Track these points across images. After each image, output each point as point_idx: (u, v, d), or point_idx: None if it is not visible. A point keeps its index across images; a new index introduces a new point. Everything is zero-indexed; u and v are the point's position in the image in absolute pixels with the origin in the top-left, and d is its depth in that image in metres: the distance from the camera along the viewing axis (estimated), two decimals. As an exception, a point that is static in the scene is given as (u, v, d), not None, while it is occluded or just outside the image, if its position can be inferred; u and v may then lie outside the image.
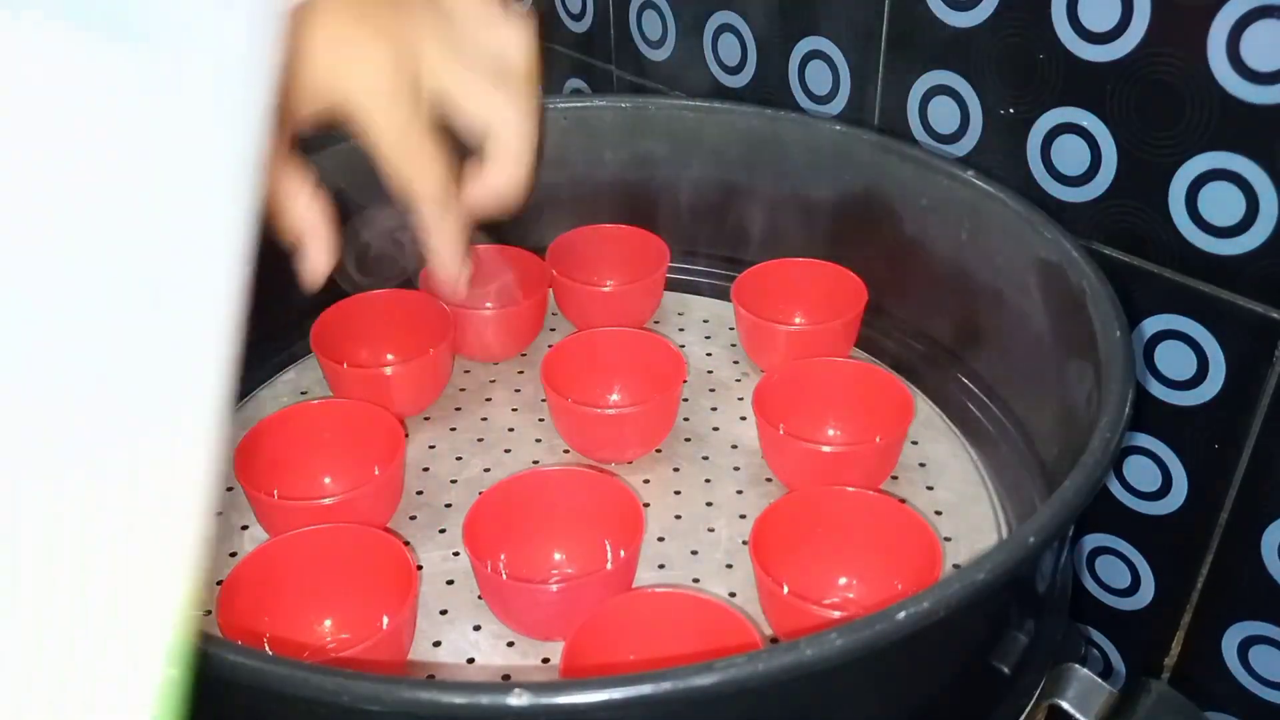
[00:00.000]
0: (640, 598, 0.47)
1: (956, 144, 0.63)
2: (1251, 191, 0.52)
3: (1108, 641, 0.68)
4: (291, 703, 0.35)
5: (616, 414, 0.58)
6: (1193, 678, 0.64)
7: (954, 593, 0.35)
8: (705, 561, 0.53)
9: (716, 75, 0.76)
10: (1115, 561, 0.65)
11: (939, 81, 0.62)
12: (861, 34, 0.65)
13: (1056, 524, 0.39)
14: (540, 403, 0.63)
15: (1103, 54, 0.54)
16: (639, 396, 0.61)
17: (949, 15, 0.60)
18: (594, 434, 0.58)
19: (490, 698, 0.32)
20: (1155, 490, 0.61)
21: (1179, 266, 0.56)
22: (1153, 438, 0.60)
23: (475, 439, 0.62)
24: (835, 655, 0.33)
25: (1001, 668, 0.43)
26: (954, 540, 0.54)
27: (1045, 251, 0.54)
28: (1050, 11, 0.55)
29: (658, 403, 0.57)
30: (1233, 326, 0.55)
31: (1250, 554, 0.58)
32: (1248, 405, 0.55)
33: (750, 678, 0.33)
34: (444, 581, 0.52)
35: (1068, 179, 0.58)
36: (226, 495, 0.58)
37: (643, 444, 0.59)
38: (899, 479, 0.58)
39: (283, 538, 0.49)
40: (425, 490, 0.58)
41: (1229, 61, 0.50)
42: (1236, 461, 0.57)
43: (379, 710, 0.33)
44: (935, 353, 0.64)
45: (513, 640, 0.49)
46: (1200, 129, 0.52)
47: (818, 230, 0.68)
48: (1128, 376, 0.45)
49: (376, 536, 0.49)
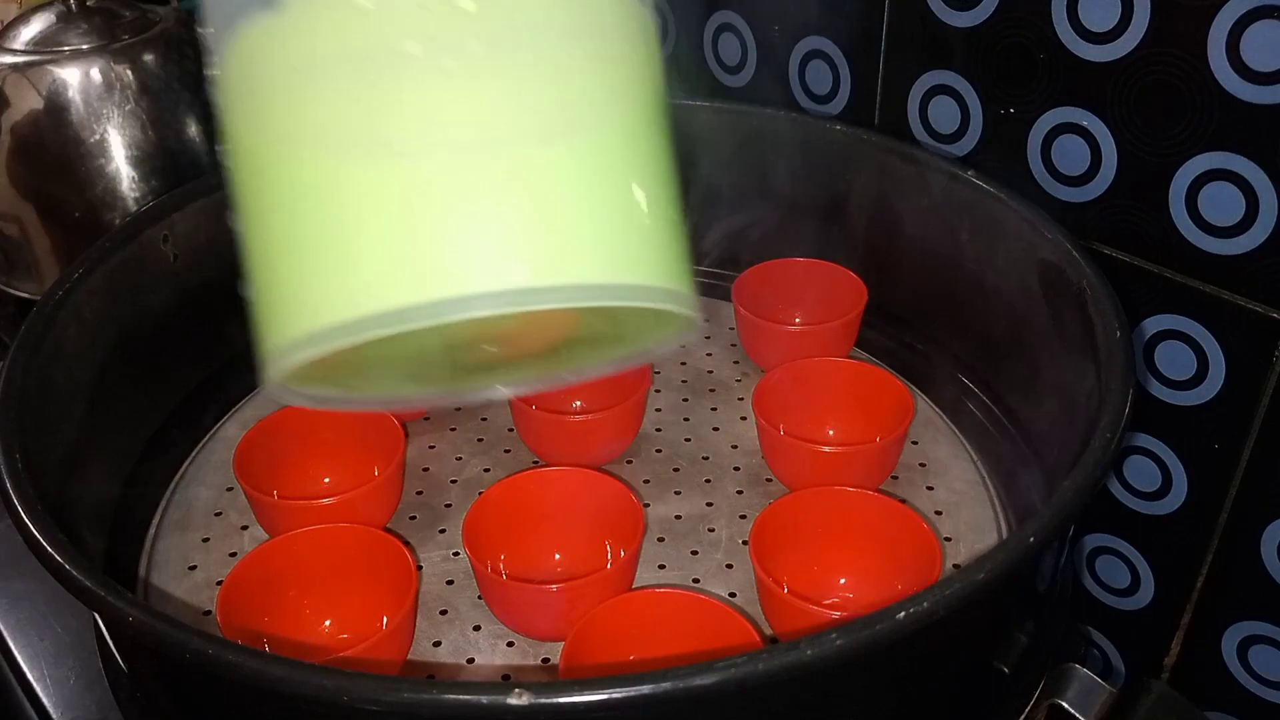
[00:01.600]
0: (640, 598, 0.47)
1: (956, 144, 0.63)
2: (1251, 191, 0.52)
3: (1108, 641, 0.68)
4: (291, 703, 0.35)
5: (582, 420, 0.58)
6: (1192, 677, 0.64)
7: (954, 593, 0.35)
8: (705, 561, 0.53)
9: (716, 75, 0.76)
10: (1115, 561, 0.65)
11: (939, 81, 0.62)
12: (861, 34, 0.65)
13: (1056, 524, 0.39)
14: (540, 403, 0.63)
15: (1103, 54, 0.54)
16: (604, 402, 0.60)
17: (949, 15, 0.60)
18: (555, 440, 0.58)
19: (490, 697, 0.32)
20: (1155, 490, 0.61)
21: (1179, 266, 0.56)
22: (1153, 438, 0.60)
23: (475, 439, 0.62)
24: (835, 655, 0.33)
25: (1001, 667, 0.43)
26: (954, 540, 0.54)
27: (1045, 251, 0.54)
28: (1050, 11, 0.55)
29: (622, 409, 0.57)
30: (1233, 326, 0.55)
31: (1250, 554, 0.58)
32: (1248, 405, 0.55)
33: (750, 678, 0.33)
34: (444, 581, 0.52)
35: (1068, 179, 0.58)
36: (226, 495, 0.58)
37: (605, 451, 0.59)
38: (899, 479, 0.58)
39: (283, 538, 0.49)
40: (425, 490, 0.58)
41: (1229, 61, 0.50)
42: (1236, 461, 0.57)
43: (379, 710, 0.33)
44: (935, 353, 0.64)
45: (513, 640, 0.49)
46: (1200, 129, 0.52)
47: (818, 230, 0.68)
48: (1128, 376, 0.45)
49: (377, 536, 0.49)
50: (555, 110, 0.30)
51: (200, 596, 0.52)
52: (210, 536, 0.56)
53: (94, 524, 0.53)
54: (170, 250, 0.61)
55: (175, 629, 0.35)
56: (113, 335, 0.56)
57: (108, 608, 0.37)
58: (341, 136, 0.29)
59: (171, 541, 0.55)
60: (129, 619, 0.36)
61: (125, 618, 0.37)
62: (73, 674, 0.57)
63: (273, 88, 0.30)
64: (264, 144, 0.30)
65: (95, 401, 0.54)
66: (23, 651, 0.59)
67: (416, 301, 0.29)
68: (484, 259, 0.29)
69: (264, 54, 0.30)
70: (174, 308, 0.61)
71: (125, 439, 0.58)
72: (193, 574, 0.53)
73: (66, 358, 0.52)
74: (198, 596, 0.52)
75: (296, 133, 0.30)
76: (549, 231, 0.29)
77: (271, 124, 0.30)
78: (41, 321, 0.51)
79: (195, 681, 0.40)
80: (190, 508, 0.57)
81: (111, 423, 0.56)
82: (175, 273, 0.61)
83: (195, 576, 0.53)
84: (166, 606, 0.52)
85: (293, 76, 0.29)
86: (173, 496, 0.58)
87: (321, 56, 0.29)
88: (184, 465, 0.60)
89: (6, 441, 0.44)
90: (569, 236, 0.30)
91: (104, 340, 0.56)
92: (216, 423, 0.63)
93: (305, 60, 0.29)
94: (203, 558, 0.54)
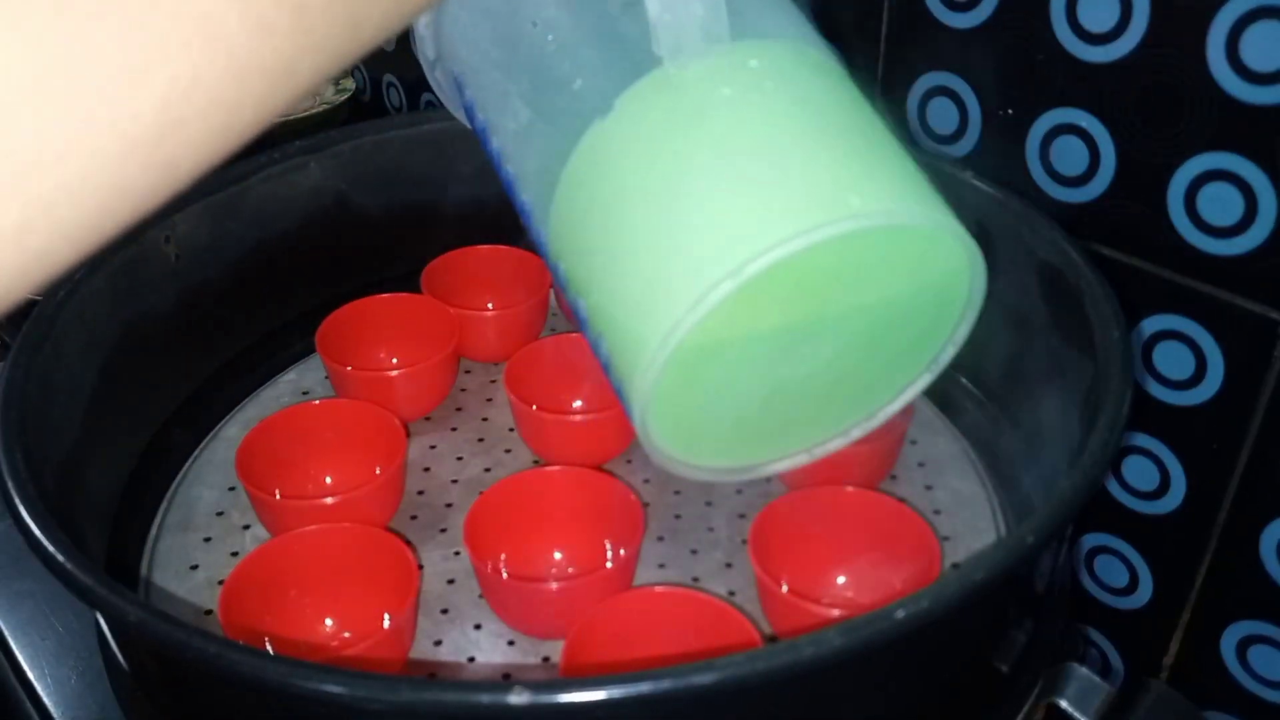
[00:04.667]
0: (640, 597, 0.47)
1: (956, 144, 0.63)
2: (1251, 192, 0.52)
3: (1106, 641, 0.68)
4: (293, 702, 0.35)
5: (582, 420, 0.58)
6: (1191, 677, 0.64)
7: (953, 592, 0.35)
8: (705, 561, 0.53)
9: (717, 76, 0.76)
10: (1114, 561, 0.65)
11: (938, 82, 0.62)
12: (861, 34, 0.65)
13: (1055, 524, 0.39)
14: (541, 402, 0.63)
15: (1102, 54, 0.54)
16: (604, 402, 0.60)
17: (948, 16, 0.60)
18: (555, 440, 0.58)
19: (490, 696, 0.32)
20: (1154, 490, 0.61)
21: (1178, 266, 0.56)
22: (1152, 438, 0.60)
23: (476, 439, 0.62)
24: (834, 654, 0.33)
25: (1000, 667, 0.43)
26: (953, 540, 0.54)
27: (1044, 252, 0.54)
28: (1050, 12, 0.55)
29: (623, 409, 0.57)
30: (1232, 326, 0.55)
31: (1249, 554, 0.58)
32: (1247, 405, 0.55)
33: (750, 677, 0.33)
34: (445, 581, 0.52)
35: (1067, 179, 0.59)
36: (228, 495, 0.58)
37: (605, 451, 0.59)
38: (899, 479, 0.58)
39: (284, 537, 0.49)
40: (426, 490, 0.58)
41: (1229, 61, 0.50)
42: (1235, 461, 0.57)
43: (380, 709, 0.33)
44: (935, 353, 0.64)
45: (513, 639, 0.49)
46: (1200, 129, 0.52)
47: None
48: (1127, 376, 0.45)
49: (378, 536, 0.49)
50: (844, 122, 0.40)
51: (202, 596, 0.52)
52: (212, 536, 0.56)
53: (95, 523, 0.53)
54: (172, 250, 0.61)
55: (177, 628, 0.36)
56: (114, 335, 0.56)
57: (109, 607, 0.37)
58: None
59: (173, 541, 0.56)
60: (130, 618, 0.37)
61: (127, 617, 0.37)
62: (74, 674, 0.57)
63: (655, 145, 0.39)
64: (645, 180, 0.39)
65: (97, 401, 0.54)
66: (24, 651, 0.59)
67: (795, 228, 0.36)
68: (823, 197, 0.37)
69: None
70: (176, 308, 0.61)
71: (127, 439, 0.59)
72: (194, 573, 0.54)
73: (68, 358, 0.53)
74: (199, 596, 0.52)
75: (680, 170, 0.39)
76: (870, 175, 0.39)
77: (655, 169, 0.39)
78: (43, 322, 0.51)
79: (197, 681, 0.40)
80: (192, 507, 0.57)
81: (113, 422, 0.56)
82: (177, 273, 0.61)
83: (197, 576, 0.53)
84: (168, 606, 0.52)
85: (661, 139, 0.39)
86: (174, 496, 0.58)
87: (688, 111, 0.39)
88: (186, 465, 0.60)
89: (8, 441, 0.44)
90: (885, 180, 0.39)
91: (106, 340, 0.56)
92: (218, 422, 0.63)
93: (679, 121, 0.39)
94: (204, 557, 0.54)
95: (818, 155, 0.38)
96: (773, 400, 0.43)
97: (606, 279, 0.40)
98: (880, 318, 0.42)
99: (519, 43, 0.44)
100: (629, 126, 0.40)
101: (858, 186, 0.37)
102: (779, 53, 0.41)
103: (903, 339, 0.44)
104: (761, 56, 0.40)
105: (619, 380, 0.41)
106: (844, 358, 0.43)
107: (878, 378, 0.45)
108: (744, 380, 0.41)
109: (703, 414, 0.42)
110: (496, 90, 0.45)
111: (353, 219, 0.70)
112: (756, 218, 0.37)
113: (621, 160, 0.40)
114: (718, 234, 0.37)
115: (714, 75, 0.40)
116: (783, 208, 0.37)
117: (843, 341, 0.42)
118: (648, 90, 0.40)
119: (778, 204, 0.37)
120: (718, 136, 0.38)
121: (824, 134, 0.39)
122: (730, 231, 0.37)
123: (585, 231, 0.41)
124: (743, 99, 0.39)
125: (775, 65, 0.40)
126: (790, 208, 0.36)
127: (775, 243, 0.36)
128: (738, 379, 0.41)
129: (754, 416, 0.43)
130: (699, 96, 0.39)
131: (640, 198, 0.39)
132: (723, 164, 0.38)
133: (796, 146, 0.38)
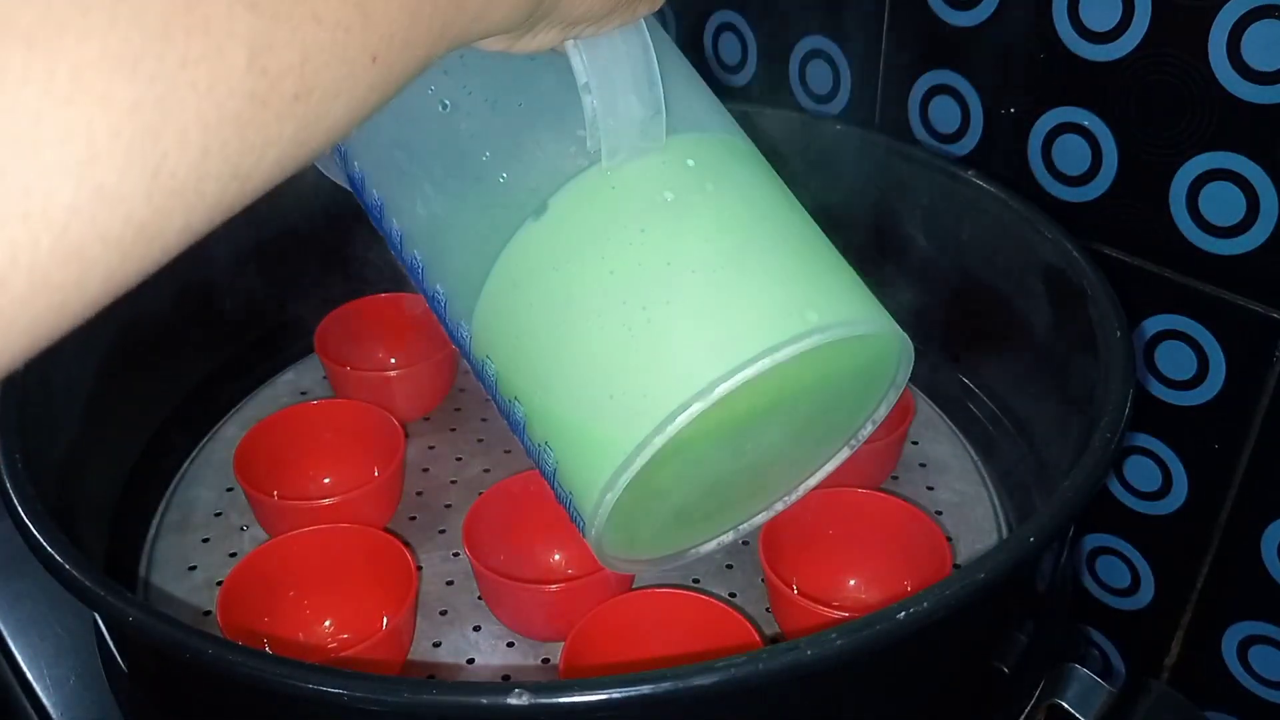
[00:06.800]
0: (640, 598, 0.47)
1: (957, 144, 0.63)
2: (1252, 191, 0.52)
3: (1108, 641, 0.68)
4: (292, 703, 0.35)
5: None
6: (1192, 678, 0.64)
7: (954, 593, 0.35)
8: (705, 561, 0.53)
9: (717, 75, 0.76)
10: (1115, 561, 0.65)
11: (940, 81, 0.62)
12: (862, 34, 0.65)
13: (1056, 524, 0.39)
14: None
15: (1103, 54, 0.54)
16: None
17: (950, 15, 0.60)
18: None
19: (490, 698, 0.32)
20: (1155, 490, 0.61)
21: (1179, 266, 0.56)
22: (1153, 438, 0.60)
23: (475, 440, 0.62)
24: (835, 655, 0.33)
25: (1001, 667, 0.43)
26: (954, 540, 0.54)
27: (1045, 251, 0.54)
28: (1051, 11, 0.55)
29: None
30: (1233, 326, 0.55)
31: (1250, 554, 0.58)
32: (1248, 405, 0.55)
33: (750, 678, 0.33)
34: (444, 582, 0.52)
35: (1068, 179, 0.58)
36: (226, 495, 0.58)
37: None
38: (899, 479, 0.58)
39: (283, 538, 0.49)
40: (425, 491, 0.58)
41: (1229, 61, 0.50)
42: (1236, 461, 0.57)
43: (379, 710, 0.33)
44: (935, 353, 0.64)
45: (513, 640, 0.49)
46: (1200, 129, 0.52)
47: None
48: (1128, 376, 0.45)
49: (377, 537, 0.49)
50: (783, 226, 0.42)
51: (200, 597, 0.52)
52: (210, 537, 0.56)
53: (94, 524, 0.53)
54: (170, 250, 0.61)
55: (175, 629, 0.35)
56: (112, 335, 0.56)
57: (108, 608, 0.37)
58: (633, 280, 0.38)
59: (171, 542, 0.55)
60: (129, 619, 0.37)
61: (125, 618, 0.37)
62: (73, 674, 0.57)
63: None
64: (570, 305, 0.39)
65: (95, 402, 0.54)
66: (23, 651, 0.59)
67: (759, 347, 0.37)
68: (781, 313, 0.38)
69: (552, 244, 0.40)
70: (174, 308, 0.61)
71: (125, 439, 0.58)
72: (193, 574, 0.53)
73: (66, 358, 0.52)
74: (198, 597, 0.52)
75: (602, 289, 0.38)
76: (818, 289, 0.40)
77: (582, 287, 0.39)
78: (41, 322, 0.51)
79: (195, 682, 0.40)
80: (190, 508, 0.57)
81: (111, 423, 0.56)
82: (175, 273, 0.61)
83: (195, 577, 0.53)
84: (166, 607, 0.52)
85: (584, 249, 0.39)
86: (173, 497, 0.58)
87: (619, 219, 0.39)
88: (184, 466, 0.60)
89: (7, 442, 0.44)
90: (831, 289, 0.41)
91: (104, 341, 0.56)
92: (216, 423, 0.63)
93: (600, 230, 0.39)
94: (203, 558, 0.54)
95: (769, 268, 0.39)
96: (714, 489, 0.44)
97: (554, 389, 0.39)
98: (819, 402, 0.43)
99: (425, 123, 0.42)
100: (570, 231, 0.39)
101: (811, 301, 0.39)
102: (712, 148, 0.41)
103: (834, 418, 0.45)
104: (697, 155, 0.40)
105: (566, 491, 0.41)
106: (784, 442, 0.44)
107: (806, 454, 0.47)
108: (693, 477, 0.42)
109: (649, 514, 0.43)
110: (396, 169, 0.44)
111: (352, 219, 0.70)
112: (719, 338, 0.37)
113: (567, 267, 0.39)
114: (680, 354, 0.37)
115: (653, 177, 0.39)
116: (745, 327, 0.37)
117: (787, 429, 0.43)
118: (585, 191, 0.39)
119: (739, 323, 0.37)
120: (667, 249, 0.38)
121: (771, 242, 0.40)
122: (694, 352, 0.37)
123: (525, 338, 0.40)
124: (686, 204, 0.39)
125: (712, 164, 0.41)
126: (752, 326, 0.37)
127: (742, 363, 0.36)
128: (687, 477, 0.41)
129: (695, 506, 0.45)
130: (642, 201, 0.39)
131: (593, 310, 0.38)
132: (679, 279, 0.38)
133: (749, 259, 0.39)
